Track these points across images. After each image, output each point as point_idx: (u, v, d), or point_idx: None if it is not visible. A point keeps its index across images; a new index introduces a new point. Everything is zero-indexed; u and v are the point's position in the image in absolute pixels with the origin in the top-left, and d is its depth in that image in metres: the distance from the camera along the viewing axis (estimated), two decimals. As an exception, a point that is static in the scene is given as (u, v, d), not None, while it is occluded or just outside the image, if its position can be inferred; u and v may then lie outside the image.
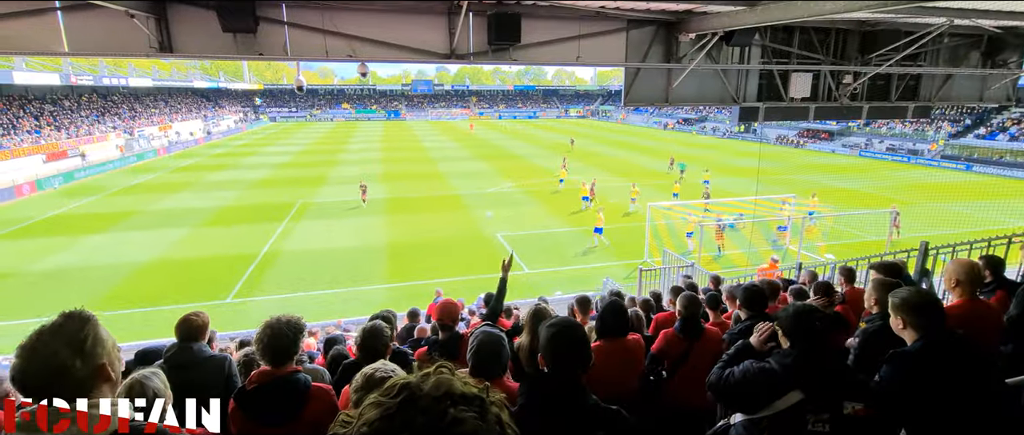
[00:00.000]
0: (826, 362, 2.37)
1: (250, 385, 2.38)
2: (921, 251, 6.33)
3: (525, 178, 30.91)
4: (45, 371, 1.34)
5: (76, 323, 1.41)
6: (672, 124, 72.83)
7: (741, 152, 44.84)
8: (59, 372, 1.35)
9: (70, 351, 1.37)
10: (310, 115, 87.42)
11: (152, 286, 14.15)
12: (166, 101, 61.81)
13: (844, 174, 32.77)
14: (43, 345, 1.36)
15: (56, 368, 1.35)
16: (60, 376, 1.35)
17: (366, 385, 2.00)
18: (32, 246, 18.04)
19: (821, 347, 2.39)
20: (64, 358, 1.35)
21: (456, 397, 0.78)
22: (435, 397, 0.77)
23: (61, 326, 1.40)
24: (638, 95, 7.82)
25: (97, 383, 1.40)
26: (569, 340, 2.02)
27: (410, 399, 0.77)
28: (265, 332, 2.44)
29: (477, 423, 0.76)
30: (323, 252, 17.23)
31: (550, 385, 2.01)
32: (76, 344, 1.38)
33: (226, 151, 47.41)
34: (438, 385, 0.80)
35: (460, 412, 0.76)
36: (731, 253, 16.91)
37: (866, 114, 9.31)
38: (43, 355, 1.36)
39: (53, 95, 44.15)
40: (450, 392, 0.78)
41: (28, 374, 1.35)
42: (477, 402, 0.79)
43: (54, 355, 1.35)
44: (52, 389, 1.34)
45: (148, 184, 30.65)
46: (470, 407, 0.78)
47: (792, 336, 2.45)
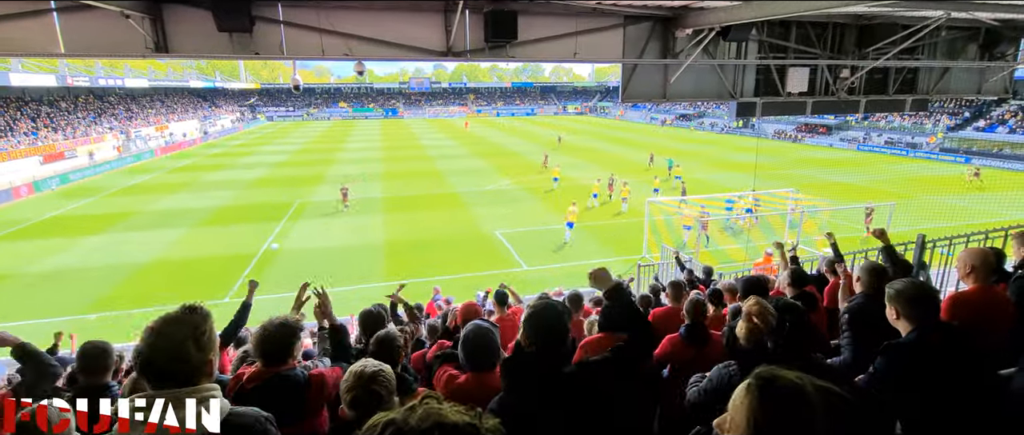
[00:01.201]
0: (802, 358, 2.39)
1: (247, 385, 2.40)
2: (918, 244, 6.35)
3: (523, 175, 30.90)
4: (169, 355, 1.48)
5: (199, 316, 1.56)
6: (670, 120, 72.81)
7: (739, 147, 44.85)
8: (180, 359, 1.49)
9: (192, 340, 1.51)
10: (307, 114, 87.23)
11: (151, 286, 14.14)
12: (162, 101, 61.65)
13: (843, 168, 32.81)
14: (172, 330, 1.50)
15: (180, 354, 1.49)
16: (180, 362, 1.49)
17: (358, 381, 2.00)
18: (30, 247, 18.01)
19: (797, 344, 2.42)
20: (188, 346, 1.49)
21: (447, 427, 0.75)
22: (422, 429, 0.74)
23: (187, 316, 1.55)
24: (636, 91, 7.82)
25: (202, 375, 1.54)
26: (545, 319, 2.13)
27: (399, 431, 0.75)
28: (258, 333, 2.49)
29: None
30: (321, 251, 17.22)
31: (531, 362, 2.08)
32: (197, 335, 1.52)
33: (223, 151, 47.32)
34: (426, 417, 0.76)
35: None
36: (728, 247, 16.95)
37: (864, 108, 9.32)
38: (171, 340, 1.49)
39: (49, 96, 44.00)
40: (440, 422, 0.75)
41: (155, 355, 1.48)
42: (470, 430, 0.76)
43: (181, 343, 1.49)
44: (170, 373, 1.48)
45: (145, 185, 30.59)
46: None
47: (771, 335, 2.47)
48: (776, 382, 0.97)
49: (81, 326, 11.28)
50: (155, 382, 1.48)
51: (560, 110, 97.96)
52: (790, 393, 0.94)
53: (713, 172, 31.77)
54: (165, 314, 1.55)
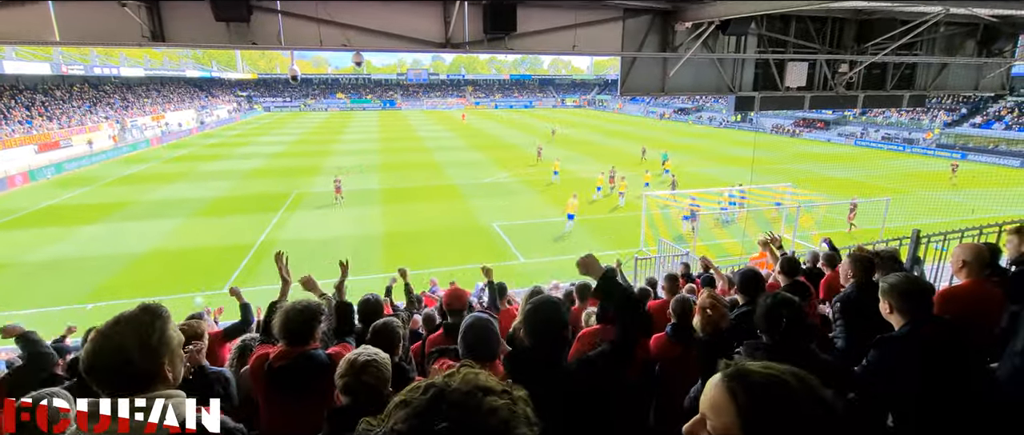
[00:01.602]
0: (796, 351, 2.42)
1: (276, 363, 2.55)
2: (913, 239, 6.40)
3: (520, 168, 30.87)
4: (111, 360, 1.38)
5: (147, 317, 1.46)
6: (668, 113, 72.71)
7: (737, 141, 44.87)
8: (124, 362, 1.39)
9: (138, 344, 1.41)
10: (304, 105, 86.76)
11: (148, 276, 14.13)
12: (158, 91, 61.19)
13: (839, 163, 32.88)
14: (117, 334, 1.40)
15: (123, 358, 1.39)
16: (123, 367, 1.39)
17: (350, 370, 2.03)
18: (27, 237, 17.96)
19: (794, 338, 2.44)
20: (131, 351, 1.39)
21: (486, 389, 0.80)
22: (465, 391, 0.78)
23: (134, 318, 1.45)
24: (634, 85, 7.81)
25: (155, 381, 1.44)
26: (545, 314, 2.14)
27: (439, 395, 0.78)
28: (285, 315, 2.60)
29: (511, 410, 0.78)
30: (319, 242, 17.22)
31: (529, 357, 2.10)
32: (144, 337, 1.42)
33: (220, 141, 47.09)
34: (466, 380, 0.81)
35: (493, 401, 0.77)
36: (725, 241, 17.01)
37: (862, 103, 9.34)
38: (114, 344, 1.40)
39: (44, 85, 43.63)
40: (479, 385, 0.80)
41: (96, 361, 1.38)
42: (506, 394, 0.81)
43: (121, 346, 1.39)
44: (114, 379, 1.39)
45: (142, 174, 30.47)
46: (501, 397, 0.79)
47: (764, 328, 2.49)
48: (750, 376, 0.95)
49: (79, 316, 11.28)
50: (102, 388, 1.39)
51: (558, 103, 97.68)
52: (771, 384, 0.94)
53: (710, 166, 31.80)
54: (118, 315, 1.46)
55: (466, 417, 0.74)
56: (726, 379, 0.97)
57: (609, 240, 17.31)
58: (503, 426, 0.75)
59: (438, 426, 0.73)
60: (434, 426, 0.73)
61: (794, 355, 2.37)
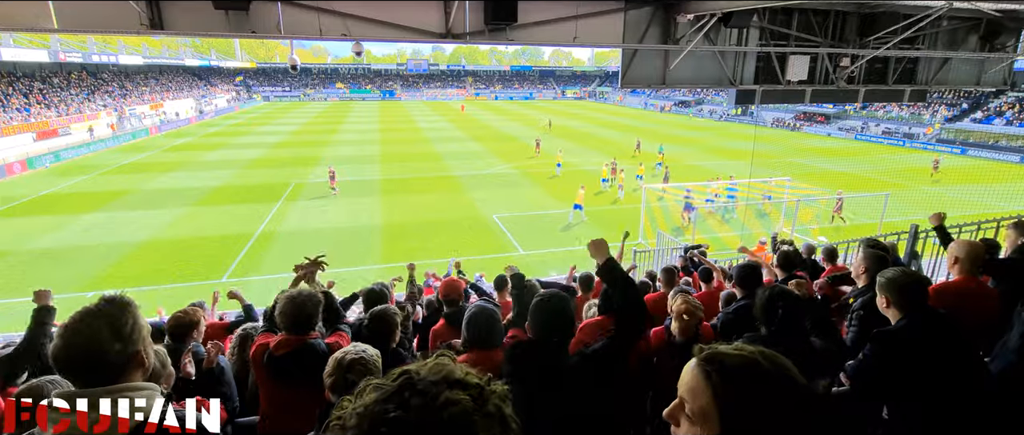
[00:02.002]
0: (795, 343, 2.45)
1: (277, 351, 2.57)
2: (911, 234, 6.41)
3: (519, 159, 30.83)
4: (85, 352, 1.37)
5: (117, 308, 1.44)
6: (668, 106, 72.49)
7: (737, 134, 44.79)
8: (98, 354, 1.38)
9: (110, 334, 1.39)
10: (304, 95, 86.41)
11: (148, 266, 14.15)
12: (157, 79, 60.89)
13: (840, 157, 32.86)
14: (86, 326, 1.39)
15: (96, 350, 1.38)
16: (99, 358, 1.38)
17: (336, 368, 2.05)
18: (26, 225, 17.95)
19: (791, 329, 2.47)
20: (104, 341, 1.38)
21: (452, 381, 0.78)
22: (432, 381, 0.77)
23: (102, 309, 1.42)
24: (635, 77, 7.79)
25: (131, 368, 1.43)
26: (550, 309, 2.15)
27: (408, 383, 0.77)
28: (285, 305, 2.62)
29: (469, 406, 0.75)
30: (318, 232, 17.23)
31: (532, 350, 2.11)
32: (117, 328, 1.41)
33: (220, 130, 46.94)
34: (436, 369, 0.80)
35: (454, 394, 0.75)
36: (725, 234, 17.03)
37: (863, 97, 9.31)
38: (85, 336, 1.38)
39: (42, 72, 43.39)
40: (447, 377, 0.78)
41: (69, 354, 1.37)
42: (475, 388, 0.79)
43: (95, 337, 1.38)
44: (90, 371, 1.38)
45: (141, 163, 30.39)
46: (466, 392, 0.77)
47: (763, 320, 2.52)
48: (724, 359, 0.99)
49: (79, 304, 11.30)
50: (76, 381, 1.38)
51: (558, 95, 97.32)
52: (743, 365, 0.97)
53: (710, 159, 31.77)
54: (82, 308, 1.44)
55: (423, 407, 0.73)
56: (701, 363, 1.01)
57: (609, 233, 17.32)
58: (458, 420, 0.73)
59: (392, 414, 0.72)
60: (390, 414, 0.73)
61: (791, 346, 2.40)
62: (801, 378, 0.97)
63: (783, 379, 0.96)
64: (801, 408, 0.95)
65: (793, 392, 0.95)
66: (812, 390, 0.99)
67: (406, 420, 0.72)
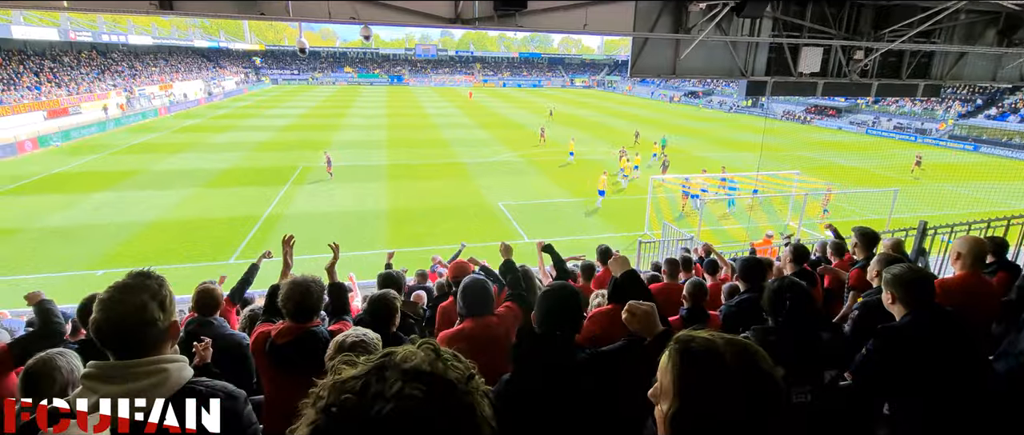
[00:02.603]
0: (804, 334, 2.46)
1: (279, 339, 2.56)
2: (919, 230, 6.37)
3: (527, 147, 30.74)
4: (131, 324, 1.41)
5: (156, 281, 1.49)
6: (678, 97, 71.84)
7: (746, 126, 44.39)
8: (147, 324, 1.43)
9: (156, 305, 1.44)
10: (312, 78, 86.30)
11: (157, 245, 14.30)
12: (166, 60, 60.97)
13: (850, 151, 32.52)
14: (131, 298, 1.42)
15: (145, 320, 1.42)
16: (143, 329, 1.42)
17: (338, 352, 2.07)
18: (38, 202, 18.16)
19: (800, 320, 2.47)
20: (148, 312, 1.43)
21: (417, 374, 0.74)
22: (403, 369, 0.75)
23: (143, 283, 1.46)
24: (645, 66, 7.71)
25: (168, 339, 1.49)
26: (558, 301, 2.13)
27: (380, 367, 0.75)
28: (289, 290, 2.59)
29: (422, 404, 0.71)
30: (325, 215, 17.32)
31: (540, 343, 2.10)
32: (159, 300, 1.46)
33: (229, 112, 47.04)
34: (408, 358, 0.77)
35: (412, 388, 0.72)
36: (730, 227, 16.98)
37: (875, 91, 9.18)
38: (132, 307, 1.41)
39: (52, 51, 43.53)
40: (416, 368, 0.75)
41: (115, 326, 1.40)
42: (442, 385, 0.75)
43: (143, 308, 1.42)
44: (135, 342, 1.41)
45: (151, 144, 30.57)
46: (428, 388, 0.73)
47: (771, 312, 2.52)
48: (691, 343, 1.04)
49: (88, 281, 11.48)
50: (119, 352, 1.41)
51: (567, 83, 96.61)
52: (705, 351, 1.02)
53: (719, 151, 31.53)
54: (116, 283, 1.47)
55: (377, 396, 0.71)
56: (673, 343, 1.08)
57: (613, 223, 17.31)
58: (404, 414, 0.69)
59: (347, 394, 0.71)
60: (346, 393, 0.72)
61: (799, 337, 2.41)
62: (774, 373, 1.00)
63: (742, 369, 0.99)
64: (757, 400, 0.98)
65: (751, 384, 0.98)
66: (777, 386, 1.02)
67: (356, 405, 0.70)
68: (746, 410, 0.97)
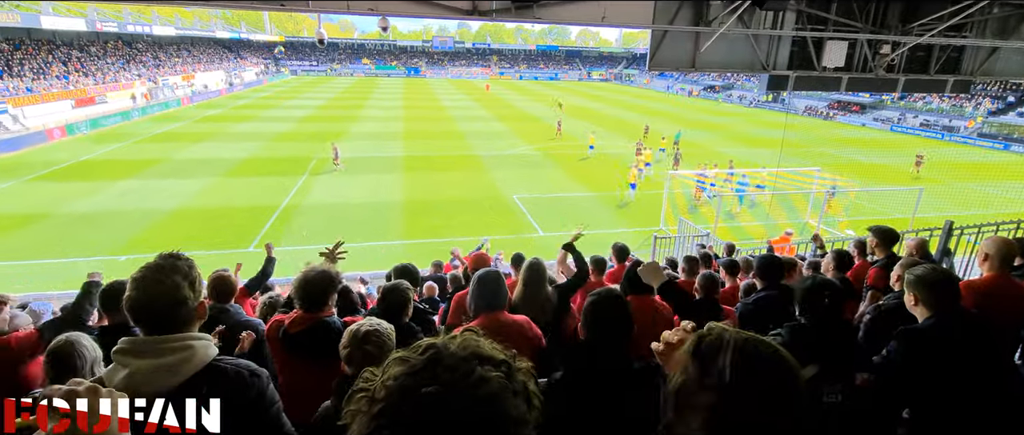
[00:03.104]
0: (838, 334, 2.42)
1: (292, 329, 2.60)
2: (945, 230, 6.21)
3: (543, 141, 30.63)
4: (167, 301, 1.50)
5: (186, 262, 1.57)
6: (696, 91, 70.82)
7: (766, 122, 43.61)
8: (180, 303, 1.51)
9: (187, 285, 1.52)
10: (330, 69, 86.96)
11: (179, 232, 14.62)
12: (189, 51, 61.94)
13: (873, 148, 31.77)
14: (165, 277, 1.50)
15: (177, 299, 1.51)
16: (177, 307, 1.51)
17: (352, 341, 2.10)
18: (65, 189, 18.67)
19: (834, 320, 2.43)
20: (181, 291, 1.52)
21: (483, 357, 0.78)
22: (462, 356, 0.77)
23: (175, 263, 1.54)
24: (664, 59, 7.61)
25: (196, 318, 1.57)
26: (608, 309, 2.08)
27: (436, 357, 0.77)
28: (301, 281, 2.64)
29: (503, 383, 0.75)
30: (341, 206, 17.51)
31: (589, 353, 2.06)
32: (191, 280, 1.54)
33: (249, 103, 47.70)
34: (465, 345, 0.80)
35: (487, 372, 0.75)
36: (747, 224, 16.75)
37: (902, 87, 8.94)
38: (166, 287, 1.50)
39: (79, 41, 44.52)
40: (477, 352, 0.78)
41: (150, 303, 1.49)
42: (504, 365, 0.79)
43: (176, 288, 1.51)
44: (168, 319, 1.50)
45: (174, 133, 31.16)
46: (496, 368, 0.77)
47: (804, 311, 2.48)
48: (706, 336, 1.03)
49: (112, 266, 11.79)
50: (150, 328, 1.49)
51: (584, 76, 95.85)
52: (713, 341, 1.00)
53: (738, 147, 31.06)
54: (149, 263, 1.54)
55: (456, 383, 0.73)
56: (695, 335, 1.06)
57: (628, 218, 17.20)
58: (492, 398, 0.73)
59: (425, 389, 0.72)
60: (422, 388, 0.73)
61: (835, 337, 2.37)
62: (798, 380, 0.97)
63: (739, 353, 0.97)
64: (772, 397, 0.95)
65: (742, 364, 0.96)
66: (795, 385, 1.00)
67: (438, 396, 0.72)
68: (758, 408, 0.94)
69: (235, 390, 1.53)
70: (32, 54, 37.48)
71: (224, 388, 1.51)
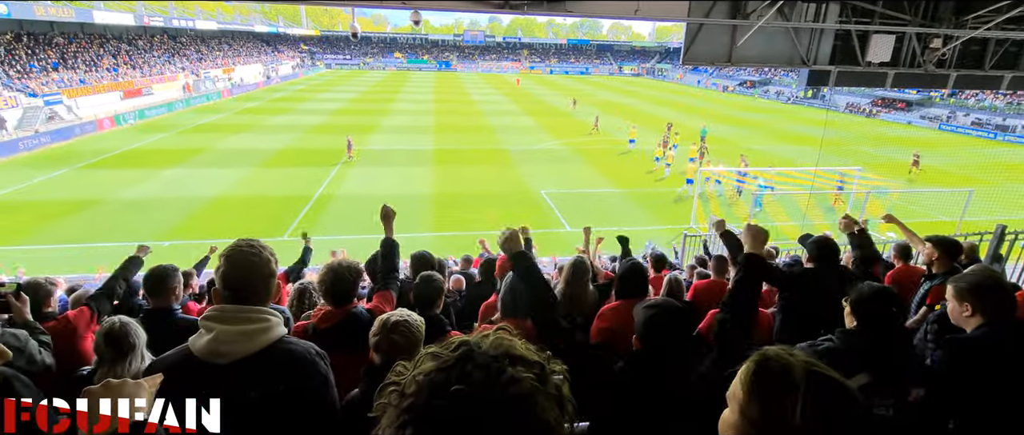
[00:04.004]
0: (895, 345, 2.30)
1: (321, 325, 2.66)
2: (996, 235, 5.91)
3: (573, 136, 30.43)
4: (260, 276, 1.67)
5: (260, 244, 1.72)
6: (732, 86, 68.98)
7: (805, 119, 42.16)
8: (267, 278, 1.68)
9: (273, 262, 1.71)
10: (363, 63, 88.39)
11: (219, 220, 15.19)
12: (229, 44, 63.91)
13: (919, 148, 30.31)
14: (256, 256, 1.68)
15: (267, 273, 1.68)
16: (268, 281, 1.69)
17: (381, 329, 2.14)
18: (115, 176, 19.60)
19: (892, 330, 2.32)
20: (273, 266, 1.70)
21: (515, 358, 0.77)
22: (493, 355, 0.76)
23: (258, 244, 1.70)
24: (698, 53, 7.46)
25: (273, 295, 1.73)
26: (664, 321, 2.06)
27: (468, 355, 0.76)
28: (326, 276, 2.68)
29: (535, 385, 0.73)
30: (372, 197, 17.82)
31: (647, 365, 2.05)
32: (275, 259, 1.73)
33: (285, 96, 48.95)
34: (498, 344, 0.79)
35: (518, 372, 0.74)
36: (782, 224, 16.28)
37: (953, 83, 8.52)
38: (261, 261, 1.68)
39: (128, 35, 46.48)
40: (509, 352, 0.77)
41: (249, 277, 1.65)
42: (537, 367, 0.77)
43: (266, 264, 1.68)
44: (260, 291, 1.66)
45: (214, 124, 32.29)
46: (529, 370, 0.76)
47: (864, 318, 2.36)
48: (769, 362, 1.01)
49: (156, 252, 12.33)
50: (244, 299, 1.63)
51: (615, 70, 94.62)
52: (779, 369, 0.99)
53: (775, 144, 30.16)
54: (238, 243, 1.69)
55: (485, 383, 0.72)
56: (756, 355, 1.05)
57: (657, 214, 16.95)
58: (523, 399, 0.72)
59: (455, 387, 0.72)
60: (452, 385, 0.72)
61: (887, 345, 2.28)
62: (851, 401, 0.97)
63: (807, 386, 0.96)
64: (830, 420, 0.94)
65: (812, 399, 0.95)
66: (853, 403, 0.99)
67: (469, 394, 0.71)
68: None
69: (301, 365, 1.66)
70: (85, 47, 39.36)
71: (291, 362, 1.64)
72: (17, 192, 17.53)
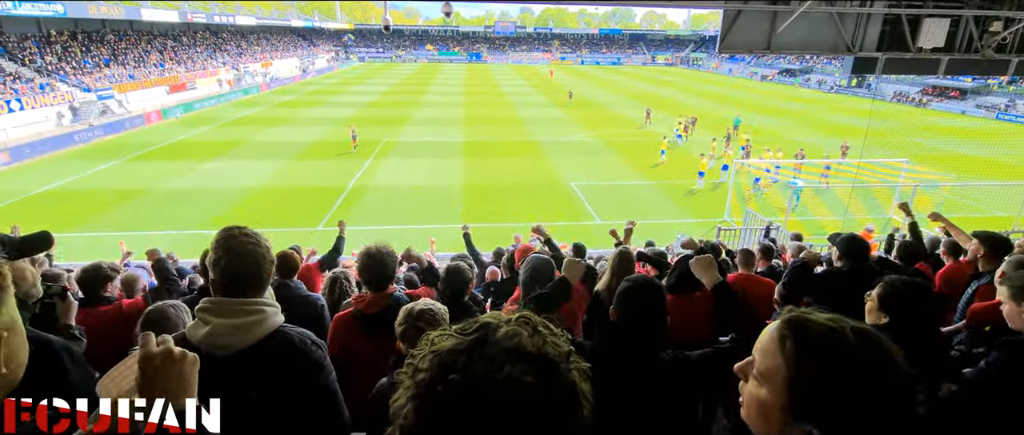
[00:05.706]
0: (926, 339, 2.22)
1: (369, 310, 2.73)
2: (1058, 231, 5.53)
3: (604, 127, 30.06)
4: (254, 268, 1.65)
5: (253, 234, 1.71)
6: (771, 75, 66.66)
7: (849, 109, 40.40)
8: (261, 270, 1.66)
9: (265, 251, 1.69)
10: (396, 56, 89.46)
11: (257, 210, 15.72)
12: (268, 39, 65.70)
13: (973, 139, 28.66)
14: (251, 248, 1.66)
15: (259, 267, 1.66)
16: (263, 274, 1.67)
17: (406, 318, 2.17)
18: (161, 168, 20.52)
19: (923, 326, 2.23)
20: (264, 259, 1.67)
21: (521, 355, 0.72)
22: (504, 348, 0.73)
23: (251, 233, 1.70)
24: (735, 41, 7.23)
25: (267, 286, 1.73)
26: (638, 297, 2.06)
27: (481, 341, 0.74)
28: (366, 261, 2.74)
29: (530, 388, 0.69)
30: (404, 189, 18.10)
31: (621, 339, 2.07)
32: (267, 248, 1.72)
33: (320, 89, 50.05)
34: (510, 336, 0.74)
35: (519, 373, 0.70)
36: (822, 218, 15.71)
37: (1014, 69, 8.00)
38: (255, 255, 1.65)
39: (173, 31, 48.36)
40: (518, 347, 0.73)
41: (245, 269, 1.63)
42: (548, 365, 0.73)
43: (264, 256, 1.67)
44: (254, 284, 1.65)
45: (253, 117, 33.32)
46: (533, 369, 0.71)
47: (892, 312, 2.28)
48: (807, 327, 0.89)
49: (202, 240, 12.87)
50: (240, 290, 1.62)
51: (648, 60, 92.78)
52: (825, 335, 0.88)
53: (816, 135, 29.04)
54: (230, 233, 1.67)
55: (485, 377, 0.69)
56: (781, 324, 0.93)
57: (690, 208, 16.61)
58: (514, 401, 0.68)
59: (452, 377, 0.70)
60: (448, 376, 0.70)
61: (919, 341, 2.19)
62: (904, 368, 0.86)
63: (872, 360, 0.85)
64: (887, 399, 0.84)
65: (881, 378, 0.84)
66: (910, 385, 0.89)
67: (464, 385, 0.69)
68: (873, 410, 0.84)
69: (298, 354, 1.66)
70: (134, 44, 41.18)
71: (288, 351, 1.65)
72: (71, 183, 18.56)
